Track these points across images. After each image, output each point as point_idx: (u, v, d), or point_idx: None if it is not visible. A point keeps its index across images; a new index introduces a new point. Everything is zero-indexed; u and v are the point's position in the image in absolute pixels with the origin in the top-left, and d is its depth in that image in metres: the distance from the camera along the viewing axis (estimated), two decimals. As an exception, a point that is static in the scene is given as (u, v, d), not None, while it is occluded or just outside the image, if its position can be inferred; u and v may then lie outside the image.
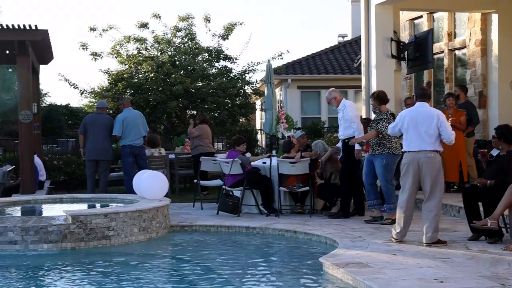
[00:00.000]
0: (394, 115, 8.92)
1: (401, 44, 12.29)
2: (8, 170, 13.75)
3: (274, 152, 11.62)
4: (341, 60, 24.05)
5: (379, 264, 6.33)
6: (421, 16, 14.80)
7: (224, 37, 18.80)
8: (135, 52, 18.71)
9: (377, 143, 8.89)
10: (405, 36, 14.26)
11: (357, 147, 9.51)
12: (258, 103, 22.65)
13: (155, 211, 8.83)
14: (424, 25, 14.71)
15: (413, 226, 7.77)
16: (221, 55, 18.83)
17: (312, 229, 8.72)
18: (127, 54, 18.65)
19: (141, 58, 18.34)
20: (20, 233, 7.77)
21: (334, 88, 10.28)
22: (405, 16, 14.72)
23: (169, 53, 18.48)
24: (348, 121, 9.62)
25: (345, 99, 10.05)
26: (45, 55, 15.61)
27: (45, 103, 37.36)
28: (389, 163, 8.90)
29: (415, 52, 12.13)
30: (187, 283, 6.37)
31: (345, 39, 28.19)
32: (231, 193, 10.59)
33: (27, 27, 12.31)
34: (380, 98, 9.08)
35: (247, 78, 18.78)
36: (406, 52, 12.32)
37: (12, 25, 12.27)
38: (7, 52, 13.42)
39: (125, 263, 7.36)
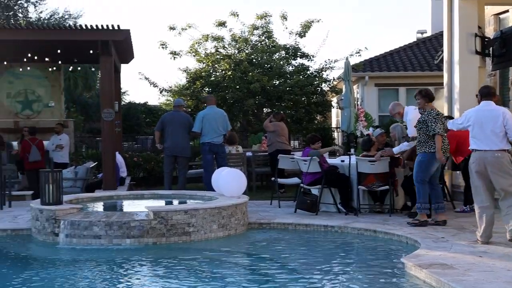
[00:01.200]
0: (439, 113, 8.75)
1: (486, 39, 11.88)
2: (90, 166, 14.16)
3: (352, 150, 11.48)
4: (420, 56, 23.51)
5: (464, 266, 6.13)
6: (507, 11, 14.23)
7: (301, 34, 18.77)
8: (213, 50, 18.93)
9: (420, 142, 8.72)
10: (489, 32, 13.76)
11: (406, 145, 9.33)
12: (334, 100, 22.47)
13: (234, 208, 8.88)
14: (510, 20, 14.15)
15: (498, 228, 7.50)
16: (298, 53, 18.82)
17: (392, 228, 8.56)
18: (205, 52, 18.89)
19: (218, 57, 18.53)
20: (104, 228, 7.98)
21: (397, 102, 10.11)
22: (489, 10, 14.21)
23: (246, 51, 18.60)
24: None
25: (409, 108, 9.80)
26: (126, 55, 16.00)
27: (124, 102, 38.32)
28: (425, 161, 8.68)
29: (501, 48, 11.68)
30: (266, 280, 6.35)
31: (424, 35, 27.55)
32: (309, 191, 10.53)
33: (110, 27, 12.64)
34: (428, 96, 8.88)
35: (324, 76, 18.68)
36: (491, 48, 11.91)
37: (96, 26, 12.63)
38: (91, 52, 13.81)
39: (205, 259, 7.42)
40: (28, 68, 17.24)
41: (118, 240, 7.98)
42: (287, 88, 17.53)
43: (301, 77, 17.97)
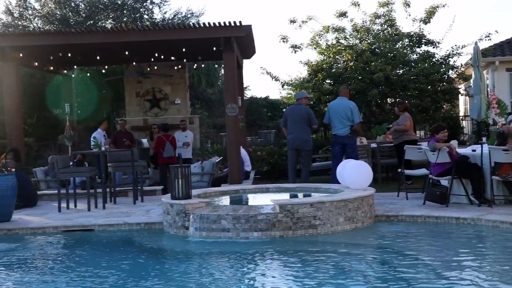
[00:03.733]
0: None
1: None
2: (216, 161, 14.46)
3: (484, 139, 10.93)
4: (556, 38, 22.06)
5: None
6: None
7: (426, 21, 18.17)
8: (334, 41, 18.74)
9: None
10: None
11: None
12: (461, 88, 21.59)
13: (360, 201, 8.73)
14: None
15: None
16: (423, 40, 18.25)
17: (531, 221, 8.07)
18: (326, 44, 18.75)
19: (340, 48, 18.32)
20: (232, 221, 8.08)
21: None
22: None
23: (368, 40, 18.26)
24: None
25: None
26: (248, 50, 16.20)
27: (246, 97, 38.97)
28: None
29: None
30: (395, 274, 6.16)
31: (559, 15, 25.84)
32: (438, 183, 10.16)
33: (232, 24, 12.82)
34: None
35: (451, 62, 17.98)
36: None
37: (218, 23, 12.86)
38: (214, 48, 14.09)
39: (333, 252, 7.32)
40: (155, 67, 17.87)
41: (246, 233, 8.06)
42: (412, 77, 17.02)
43: (426, 64, 17.38)
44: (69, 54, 14.78)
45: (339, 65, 18.27)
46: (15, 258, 7.70)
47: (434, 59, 18.00)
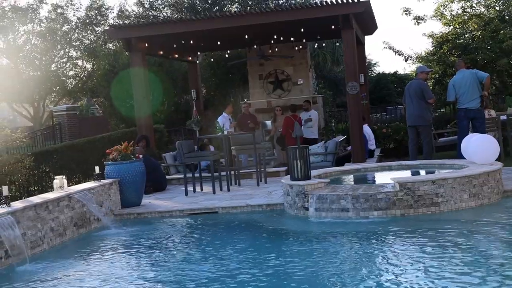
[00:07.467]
0: None
1: None
2: (340, 140, 14.38)
3: None
4: None
5: None
6: None
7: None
8: (460, 11, 17.95)
9: None
10: None
11: None
12: None
13: (486, 176, 8.38)
14: None
15: None
16: (557, 3, 17.06)
17: None
18: (451, 14, 18.01)
19: (466, 17, 17.53)
20: (351, 201, 8.04)
21: None
22: None
23: (497, 8, 17.33)
24: None
25: None
26: (369, 26, 15.93)
27: (374, 73, 38.27)
28: None
29: None
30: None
31: None
32: None
33: (350, 1, 12.67)
34: None
35: None
36: None
37: (336, 0, 12.74)
38: (333, 27, 13.96)
39: (456, 230, 7.06)
40: (276, 49, 17.99)
41: (366, 212, 8.00)
42: (544, 45, 15.97)
43: None
44: (191, 41, 15.21)
45: (465, 36, 17.50)
46: (143, 240, 8.11)
47: None
